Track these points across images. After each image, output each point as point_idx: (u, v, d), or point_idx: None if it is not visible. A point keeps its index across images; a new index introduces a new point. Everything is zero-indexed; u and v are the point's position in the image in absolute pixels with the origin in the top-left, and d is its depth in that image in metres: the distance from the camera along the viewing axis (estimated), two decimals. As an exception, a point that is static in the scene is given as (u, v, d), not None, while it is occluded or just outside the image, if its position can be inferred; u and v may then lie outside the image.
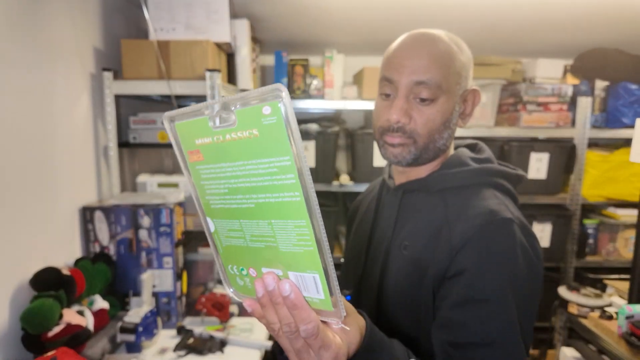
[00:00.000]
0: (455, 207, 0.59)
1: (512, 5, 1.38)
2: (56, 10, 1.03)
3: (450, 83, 0.59)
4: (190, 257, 1.28)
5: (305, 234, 0.34)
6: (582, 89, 1.90)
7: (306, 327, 0.36)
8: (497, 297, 0.53)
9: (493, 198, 0.59)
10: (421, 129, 0.60)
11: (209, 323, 1.11)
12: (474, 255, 0.54)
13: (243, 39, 1.40)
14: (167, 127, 0.37)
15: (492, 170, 0.62)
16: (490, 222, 0.55)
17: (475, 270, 0.54)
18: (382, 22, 1.59)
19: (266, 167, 0.33)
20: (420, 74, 0.58)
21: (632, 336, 1.07)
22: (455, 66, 0.59)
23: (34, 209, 0.95)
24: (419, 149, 0.61)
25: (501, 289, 0.53)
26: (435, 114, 0.59)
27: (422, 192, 0.64)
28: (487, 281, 0.53)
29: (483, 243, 0.54)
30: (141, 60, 1.18)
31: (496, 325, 0.52)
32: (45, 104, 1.00)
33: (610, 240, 2.01)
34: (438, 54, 0.58)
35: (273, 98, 0.30)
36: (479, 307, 0.53)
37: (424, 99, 0.59)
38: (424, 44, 0.59)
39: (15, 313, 0.86)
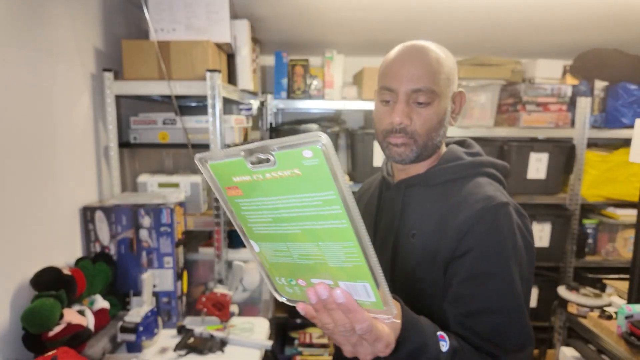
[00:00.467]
0: (457, 196, 0.67)
1: (512, 6, 1.38)
2: (57, 11, 1.03)
3: (442, 87, 0.67)
4: (190, 257, 1.28)
5: (353, 253, 0.38)
6: (581, 89, 1.90)
7: (361, 327, 0.41)
8: (502, 270, 0.61)
9: (488, 185, 0.68)
10: (420, 129, 0.68)
11: (210, 323, 1.11)
12: (478, 235, 0.62)
13: (243, 40, 1.40)
14: (200, 167, 0.40)
15: (484, 162, 0.71)
16: (490, 206, 0.63)
17: (481, 248, 0.62)
18: (382, 22, 1.59)
19: (310, 200, 0.36)
20: (417, 82, 0.66)
21: (631, 336, 1.07)
22: (444, 72, 0.67)
23: (34, 209, 0.95)
24: (420, 147, 0.69)
25: (505, 263, 0.61)
26: (432, 115, 0.67)
27: (423, 186, 0.72)
28: (492, 257, 0.61)
29: (486, 224, 0.62)
30: (142, 60, 1.18)
31: (502, 294, 0.60)
32: (46, 104, 1.00)
33: (609, 240, 2.01)
34: (430, 63, 0.66)
35: (313, 143, 0.33)
36: (486, 280, 0.61)
37: (422, 102, 0.66)
38: (417, 54, 0.67)
39: (16, 313, 0.87)
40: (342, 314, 0.41)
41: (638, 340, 1.05)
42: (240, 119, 1.41)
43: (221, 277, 1.23)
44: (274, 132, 1.94)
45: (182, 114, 1.25)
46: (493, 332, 0.60)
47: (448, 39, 1.86)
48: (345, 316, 0.41)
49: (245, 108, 1.51)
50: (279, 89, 1.93)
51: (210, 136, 1.18)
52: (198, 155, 0.39)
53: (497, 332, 0.60)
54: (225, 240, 1.24)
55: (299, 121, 2.00)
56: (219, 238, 1.22)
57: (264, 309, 1.40)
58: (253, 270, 1.34)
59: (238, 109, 1.52)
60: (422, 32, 1.72)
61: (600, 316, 1.23)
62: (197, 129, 1.27)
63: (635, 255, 1.22)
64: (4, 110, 0.86)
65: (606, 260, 1.99)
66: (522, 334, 0.61)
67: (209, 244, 1.32)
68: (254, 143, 0.36)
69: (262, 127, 2.04)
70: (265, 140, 0.35)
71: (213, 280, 1.26)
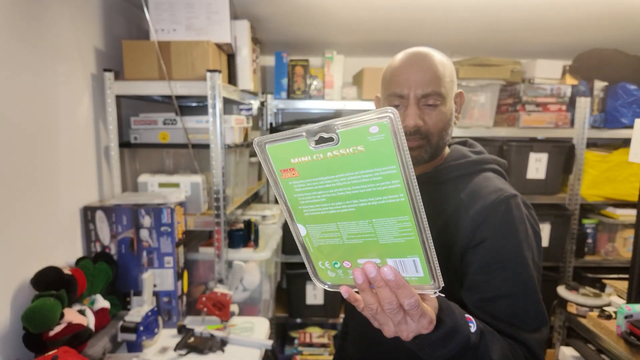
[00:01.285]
0: (468, 191, 0.71)
1: (511, 6, 1.38)
2: (57, 12, 1.03)
3: (447, 89, 0.71)
4: (190, 257, 1.28)
5: (407, 227, 0.39)
6: (580, 89, 1.91)
7: (409, 302, 0.43)
8: (516, 257, 0.65)
9: (497, 179, 0.72)
10: (433, 129, 0.72)
11: (210, 322, 1.12)
12: (493, 225, 0.66)
13: (243, 40, 1.40)
14: (257, 151, 0.40)
15: (488, 159, 0.76)
16: (502, 198, 0.67)
17: (496, 237, 0.65)
18: (382, 23, 1.59)
19: (370, 176, 0.37)
20: (426, 87, 0.69)
21: (631, 335, 1.07)
22: (448, 75, 0.72)
23: (35, 209, 0.96)
24: (433, 147, 0.73)
25: (519, 250, 0.65)
26: (441, 115, 0.71)
27: (430, 183, 0.75)
28: (507, 246, 0.65)
29: (499, 215, 0.66)
30: (142, 60, 1.18)
31: (518, 280, 0.64)
32: (47, 105, 1.00)
33: (609, 240, 2.01)
34: (436, 67, 0.70)
35: (380, 119, 0.34)
36: (502, 267, 0.64)
37: (431, 104, 0.71)
38: (423, 60, 0.71)
39: (17, 312, 0.87)
40: (389, 291, 0.42)
41: (637, 340, 1.05)
42: (241, 119, 1.41)
43: (221, 277, 1.24)
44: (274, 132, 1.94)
45: (182, 114, 1.26)
46: (511, 315, 0.63)
47: (448, 40, 1.86)
48: (393, 293, 0.43)
49: (246, 108, 1.51)
50: (279, 89, 1.93)
51: (211, 136, 1.18)
52: (257, 139, 0.40)
53: (515, 315, 0.63)
54: (225, 240, 1.24)
55: (299, 121, 2.01)
56: (219, 238, 1.22)
57: (264, 308, 1.40)
58: (253, 270, 1.34)
59: (238, 109, 1.53)
60: (422, 33, 1.72)
61: (600, 316, 1.23)
62: (197, 129, 1.27)
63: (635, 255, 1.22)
64: (4, 111, 0.86)
65: (605, 260, 2.00)
66: (538, 316, 0.64)
67: (209, 243, 1.32)
68: (317, 124, 0.37)
69: (262, 127, 2.04)
70: (329, 120, 0.36)
71: (213, 280, 1.26)
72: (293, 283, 1.97)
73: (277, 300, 2.11)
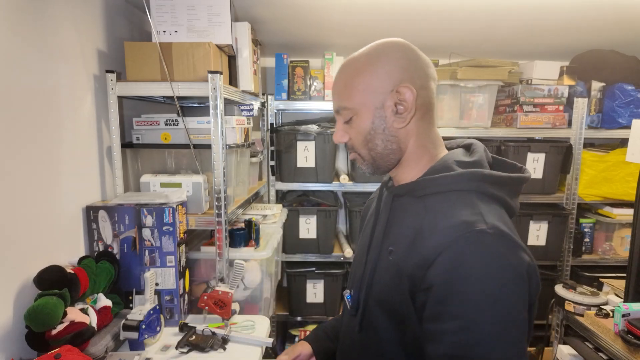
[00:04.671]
0: (431, 216, 0.60)
1: (509, 8, 1.40)
2: (60, 13, 1.05)
3: (358, 102, 0.65)
4: (192, 256, 1.29)
5: None
6: (578, 90, 1.92)
7: None
8: (467, 314, 0.53)
9: (469, 207, 0.58)
10: (356, 143, 0.68)
11: (211, 320, 1.13)
12: (443, 271, 0.54)
13: (244, 41, 1.42)
14: None
15: (476, 175, 0.61)
16: (460, 236, 0.54)
17: (444, 287, 0.54)
18: (380, 25, 1.61)
19: None
20: (335, 104, 0.69)
21: (628, 334, 1.08)
22: (363, 83, 0.65)
23: (38, 208, 0.97)
24: (367, 159, 0.69)
25: (470, 306, 0.53)
26: (358, 128, 0.67)
27: (409, 196, 0.66)
28: (455, 298, 0.53)
29: (452, 257, 0.54)
30: (144, 62, 1.19)
31: (467, 340, 0.52)
32: (50, 106, 1.01)
33: (606, 239, 2.03)
34: (338, 87, 0.67)
35: None
36: (450, 322, 0.54)
37: (347, 120, 0.67)
38: (338, 75, 0.68)
39: (20, 311, 0.87)
40: None
41: (635, 338, 1.06)
42: (242, 120, 1.43)
43: (222, 276, 1.25)
44: (274, 133, 1.95)
45: (184, 115, 1.27)
46: None
47: (446, 41, 1.88)
48: None
49: (247, 109, 1.52)
50: (280, 90, 1.95)
51: (212, 137, 1.19)
52: None
53: None
54: (226, 239, 1.25)
55: (299, 122, 2.02)
56: (220, 237, 1.23)
57: (264, 307, 1.41)
58: (254, 268, 1.35)
59: (239, 110, 1.54)
60: (421, 35, 1.73)
61: (597, 314, 1.24)
62: (198, 129, 1.28)
63: (632, 254, 1.23)
64: (8, 111, 0.87)
65: (603, 259, 2.01)
66: None
67: (210, 243, 1.33)
68: None
69: (263, 128, 2.05)
70: None
71: (214, 278, 1.27)
72: (293, 282, 1.98)
73: (277, 298, 2.12)
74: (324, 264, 1.99)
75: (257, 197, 1.78)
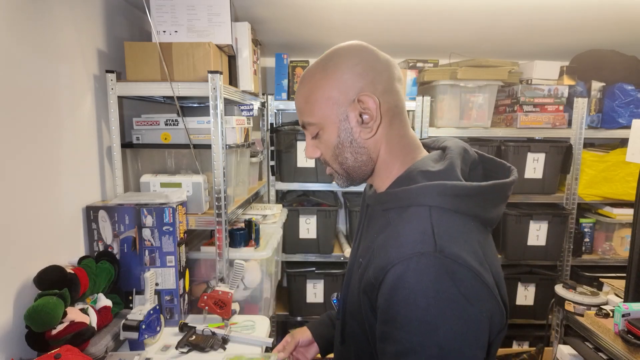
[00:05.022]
0: (385, 234, 0.57)
1: (509, 8, 1.40)
2: (60, 13, 1.05)
3: (320, 116, 0.62)
4: (192, 256, 1.29)
5: None
6: (578, 90, 1.92)
7: None
8: (403, 338, 0.50)
9: (423, 225, 0.54)
10: (327, 157, 0.65)
11: (211, 320, 1.13)
12: (386, 292, 0.52)
13: (244, 41, 1.42)
14: None
15: (437, 188, 0.55)
16: (405, 258, 0.51)
17: (386, 308, 0.52)
18: (380, 25, 1.61)
19: None
20: (299, 118, 0.66)
21: (628, 334, 1.08)
22: (322, 97, 0.61)
23: (38, 208, 0.97)
24: (340, 173, 0.65)
25: (408, 331, 0.50)
26: (325, 143, 0.64)
27: (378, 208, 0.63)
28: (395, 322, 0.51)
29: (393, 280, 0.51)
30: (144, 62, 1.19)
31: None
32: (50, 106, 1.01)
33: (606, 239, 2.03)
34: (298, 103, 0.65)
35: None
36: (390, 345, 0.52)
37: (315, 135, 0.64)
38: (297, 90, 0.65)
39: (20, 311, 0.87)
40: None
41: (635, 338, 1.06)
42: (242, 120, 1.43)
43: (222, 276, 1.25)
44: (274, 133, 1.96)
45: (184, 115, 1.27)
46: None
47: (446, 41, 1.88)
48: None
49: (247, 109, 1.52)
50: (280, 90, 1.95)
51: (212, 137, 1.19)
52: None
53: None
54: (226, 239, 1.25)
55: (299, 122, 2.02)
56: (220, 237, 1.23)
57: (264, 307, 1.41)
58: (254, 268, 1.35)
59: (239, 110, 1.54)
60: (420, 35, 1.73)
61: (597, 314, 1.24)
62: (198, 129, 1.28)
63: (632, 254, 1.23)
64: (8, 112, 0.87)
65: (603, 259, 2.01)
66: None
67: (210, 242, 1.33)
68: None
69: (263, 128, 2.05)
70: None
71: (214, 278, 1.27)
72: (293, 282, 1.98)
73: (277, 298, 2.12)
74: (324, 264, 1.99)
75: (257, 197, 1.78)
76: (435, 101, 1.91)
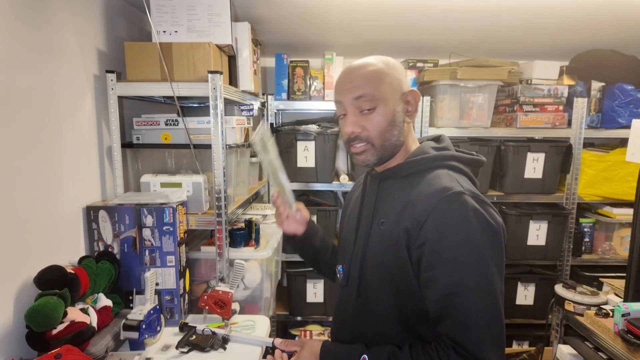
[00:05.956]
0: (417, 188, 0.74)
1: (509, 8, 1.40)
2: (60, 14, 1.05)
3: (384, 91, 0.75)
4: (192, 256, 1.29)
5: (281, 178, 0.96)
6: (578, 89, 1.92)
7: None
8: (455, 257, 0.67)
9: (446, 177, 0.74)
10: (373, 133, 0.76)
11: (211, 320, 1.13)
12: (433, 226, 0.69)
13: (244, 41, 1.42)
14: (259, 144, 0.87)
15: (446, 155, 0.78)
16: (443, 197, 0.69)
17: (436, 239, 0.68)
18: (380, 25, 1.61)
19: None
20: (357, 91, 0.75)
21: (628, 333, 1.08)
22: (385, 79, 0.75)
23: (39, 208, 0.97)
24: (378, 149, 0.77)
25: (458, 250, 0.67)
26: (379, 118, 0.75)
27: (394, 178, 0.80)
28: (445, 246, 0.68)
29: (439, 215, 0.69)
30: (144, 62, 1.20)
31: (456, 279, 0.67)
32: (50, 106, 1.01)
33: (606, 239, 2.03)
34: (367, 74, 0.76)
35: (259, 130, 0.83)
36: (442, 267, 0.68)
37: (368, 109, 0.75)
38: (356, 70, 0.77)
39: (20, 311, 0.88)
40: None
41: (635, 338, 1.06)
42: (242, 120, 1.43)
43: (223, 276, 1.25)
44: (274, 133, 1.96)
45: (184, 115, 1.27)
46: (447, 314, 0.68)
47: (446, 41, 1.88)
48: None
49: (247, 109, 1.52)
50: (280, 90, 1.95)
51: (212, 136, 1.19)
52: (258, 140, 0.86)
53: (449, 314, 0.68)
54: (226, 239, 1.25)
55: (299, 122, 2.02)
56: (220, 237, 1.23)
57: (264, 306, 1.41)
58: (254, 268, 1.35)
59: (239, 110, 1.54)
60: (420, 35, 1.73)
61: (597, 314, 1.24)
62: (199, 129, 1.28)
63: (632, 254, 1.23)
64: (8, 112, 0.88)
65: (603, 258, 2.02)
66: (478, 313, 0.66)
67: (210, 242, 1.33)
68: None
69: (263, 128, 2.05)
70: None
71: (215, 278, 1.27)
72: (293, 281, 1.98)
73: (277, 298, 2.12)
74: (324, 263, 1.99)
75: (257, 197, 1.79)
76: (435, 101, 1.91)
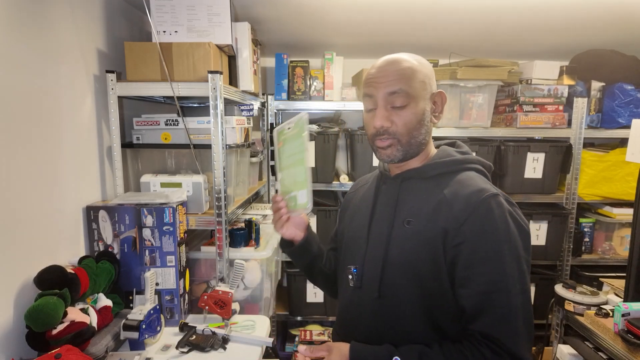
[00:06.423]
0: (451, 188, 0.76)
1: (509, 8, 1.40)
2: (60, 13, 1.05)
3: (417, 89, 0.76)
4: (192, 256, 1.29)
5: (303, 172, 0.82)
6: (577, 89, 1.92)
7: None
8: (496, 256, 0.69)
9: (478, 178, 0.77)
10: (401, 129, 0.76)
11: (211, 320, 1.13)
12: (474, 226, 0.70)
13: (244, 42, 1.42)
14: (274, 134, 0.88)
15: (472, 159, 0.82)
16: (482, 198, 0.72)
17: (476, 238, 0.70)
18: (380, 25, 1.61)
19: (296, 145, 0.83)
20: (391, 86, 0.75)
21: (628, 333, 1.08)
22: (418, 77, 0.76)
23: (39, 208, 0.97)
24: (404, 146, 0.78)
25: (498, 249, 0.69)
26: (410, 115, 0.76)
27: (418, 178, 0.81)
28: (486, 245, 0.70)
29: (480, 215, 0.71)
30: (144, 62, 1.20)
31: (497, 277, 0.69)
32: (50, 106, 1.01)
33: (606, 239, 2.03)
34: (402, 70, 0.76)
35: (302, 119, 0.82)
36: (481, 266, 0.70)
37: (399, 105, 0.75)
38: (391, 64, 0.77)
39: (20, 311, 0.88)
40: None
41: (635, 338, 1.06)
42: (242, 120, 1.43)
43: (223, 276, 1.25)
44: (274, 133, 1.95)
45: (184, 115, 1.27)
46: (483, 311, 0.69)
47: (446, 41, 1.88)
48: None
49: (247, 109, 1.52)
50: (280, 90, 1.95)
51: (212, 137, 1.19)
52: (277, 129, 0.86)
53: (485, 311, 0.69)
54: (226, 239, 1.25)
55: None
56: (220, 237, 1.23)
57: (264, 306, 1.42)
58: (254, 268, 1.35)
59: (239, 110, 1.54)
60: (420, 35, 1.73)
61: (597, 314, 1.24)
62: (199, 129, 1.28)
63: (632, 254, 1.23)
64: (8, 111, 0.88)
65: (602, 258, 2.01)
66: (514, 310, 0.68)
67: (210, 242, 1.33)
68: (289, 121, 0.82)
69: (263, 128, 2.06)
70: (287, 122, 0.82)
71: (215, 278, 1.27)
72: (293, 281, 1.98)
73: (277, 298, 2.12)
74: (324, 263, 1.99)
75: (257, 197, 1.79)
76: (435, 101, 1.91)
